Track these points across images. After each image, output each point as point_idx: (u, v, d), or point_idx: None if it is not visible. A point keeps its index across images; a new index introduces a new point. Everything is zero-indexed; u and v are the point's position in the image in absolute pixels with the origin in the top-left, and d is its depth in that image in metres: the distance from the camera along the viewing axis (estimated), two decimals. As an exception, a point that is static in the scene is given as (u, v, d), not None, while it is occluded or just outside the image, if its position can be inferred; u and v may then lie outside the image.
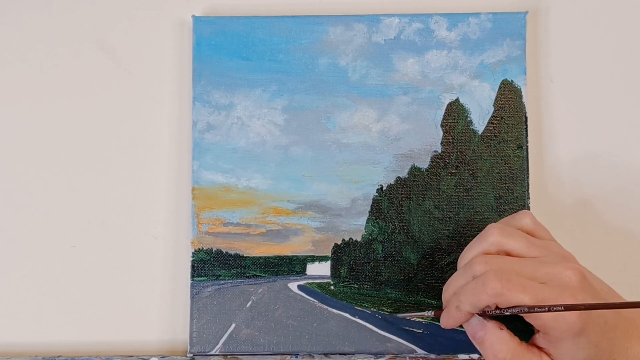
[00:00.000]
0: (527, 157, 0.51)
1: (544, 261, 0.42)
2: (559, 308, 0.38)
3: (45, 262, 0.53)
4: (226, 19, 0.53)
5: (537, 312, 0.39)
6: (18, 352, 0.52)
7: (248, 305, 0.51)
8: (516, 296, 0.39)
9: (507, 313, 0.40)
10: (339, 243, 0.51)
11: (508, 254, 0.43)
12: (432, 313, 0.47)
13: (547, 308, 0.38)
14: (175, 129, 0.54)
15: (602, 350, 0.40)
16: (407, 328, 0.50)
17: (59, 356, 0.51)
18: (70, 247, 0.53)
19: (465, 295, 0.42)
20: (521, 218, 0.45)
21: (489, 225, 0.44)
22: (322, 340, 0.50)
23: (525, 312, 0.39)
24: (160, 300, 0.53)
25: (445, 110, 0.52)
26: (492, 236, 0.43)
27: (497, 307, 0.41)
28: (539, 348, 0.42)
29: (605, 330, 0.40)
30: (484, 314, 0.42)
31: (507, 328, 0.42)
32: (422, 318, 0.50)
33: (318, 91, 0.52)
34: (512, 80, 0.52)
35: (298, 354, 0.50)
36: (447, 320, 0.44)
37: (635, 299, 0.44)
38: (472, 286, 0.41)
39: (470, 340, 0.50)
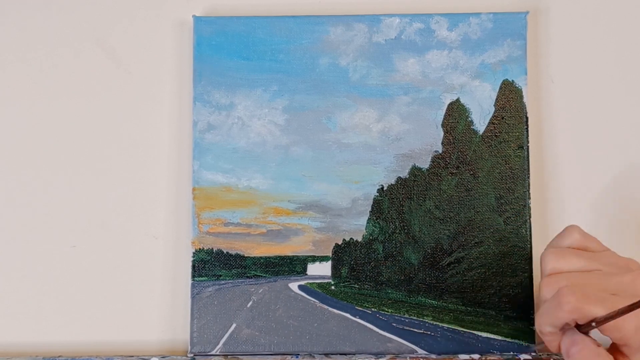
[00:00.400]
0: (527, 157, 0.51)
1: (609, 272, 0.41)
2: (624, 308, 0.37)
3: (45, 262, 0.53)
4: (226, 19, 0.53)
5: (604, 322, 0.38)
6: (18, 352, 0.52)
7: (249, 305, 0.51)
8: (592, 309, 0.39)
9: (594, 326, 0.39)
10: (339, 243, 0.51)
11: None
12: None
13: (611, 314, 0.38)
14: (176, 129, 0.54)
15: None
16: (407, 328, 0.50)
17: (59, 356, 0.51)
18: (70, 247, 0.53)
19: (541, 317, 0.41)
20: (570, 234, 0.44)
21: (541, 255, 0.44)
22: (322, 341, 0.50)
23: (594, 327, 0.39)
24: (161, 300, 0.53)
25: (446, 110, 0.52)
26: (549, 264, 0.43)
27: (577, 324, 0.40)
28: None
29: None
30: (579, 328, 0.41)
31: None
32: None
33: (319, 91, 0.52)
34: (512, 81, 0.52)
35: (299, 354, 0.50)
36: (548, 348, 0.43)
37: None
38: (548, 306, 0.41)
39: (469, 341, 0.50)
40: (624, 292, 0.40)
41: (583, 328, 0.40)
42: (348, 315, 0.51)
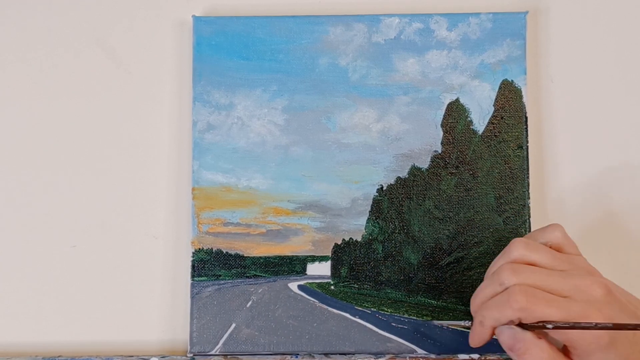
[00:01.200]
0: (527, 157, 0.51)
1: (570, 274, 0.41)
2: (589, 324, 0.38)
3: (45, 262, 0.53)
4: (226, 19, 0.53)
5: (562, 328, 0.39)
6: (18, 352, 0.52)
7: (248, 305, 0.51)
8: (541, 310, 0.39)
9: (549, 328, 0.40)
10: (339, 243, 0.51)
11: None
12: (470, 323, 0.47)
13: (571, 324, 0.39)
14: (175, 129, 0.54)
15: None
16: (407, 328, 0.50)
17: (59, 356, 0.51)
18: (70, 247, 0.53)
19: (488, 310, 0.42)
20: (551, 231, 0.44)
21: (513, 239, 0.44)
22: (322, 340, 0.50)
23: (550, 329, 0.39)
24: (160, 300, 0.53)
25: (446, 110, 0.52)
26: (517, 250, 0.43)
27: (520, 322, 0.41)
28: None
29: (635, 342, 0.40)
30: (520, 325, 0.41)
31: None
32: (459, 327, 0.49)
33: (318, 91, 0.52)
34: (512, 80, 0.52)
35: (298, 354, 0.50)
36: (473, 338, 0.44)
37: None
38: (497, 301, 0.41)
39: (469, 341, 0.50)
40: (576, 295, 0.40)
41: (530, 327, 0.41)
42: (347, 315, 0.51)
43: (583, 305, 0.39)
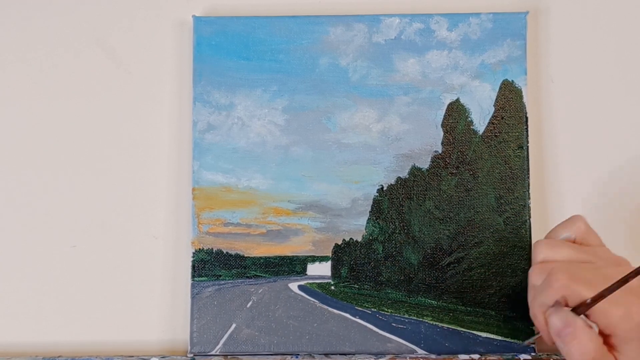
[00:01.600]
0: (527, 157, 0.51)
1: (599, 266, 0.42)
2: (617, 283, 0.38)
3: (45, 262, 0.53)
4: (226, 19, 0.53)
5: (599, 298, 0.39)
6: (18, 352, 0.52)
7: (248, 305, 0.51)
8: (582, 289, 0.40)
9: (589, 303, 0.39)
10: (339, 243, 0.51)
11: None
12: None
13: (605, 289, 0.39)
14: (176, 129, 0.54)
15: None
16: (407, 328, 0.50)
17: (59, 356, 0.51)
18: (70, 247, 0.53)
19: (535, 301, 0.42)
20: (574, 223, 0.45)
21: (535, 242, 0.45)
22: (322, 341, 0.50)
23: (589, 303, 0.39)
24: (160, 300, 0.53)
25: (446, 110, 0.52)
26: (541, 252, 0.44)
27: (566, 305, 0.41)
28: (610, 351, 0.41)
29: None
30: (574, 309, 0.41)
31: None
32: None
33: (318, 91, 0.52)
34: (512, 81, 0.52)
35: (298, 354, 0.50)
36: (544, 338, 0.44)
37: None
38: (539, 288, 0.42)
39: (469, 341, 0.50)
40: (610, 282, 0.40)
41: (577, 309, 0.40)
42: (348, 315, 0.51)
43: (620, 291, 0.39)
